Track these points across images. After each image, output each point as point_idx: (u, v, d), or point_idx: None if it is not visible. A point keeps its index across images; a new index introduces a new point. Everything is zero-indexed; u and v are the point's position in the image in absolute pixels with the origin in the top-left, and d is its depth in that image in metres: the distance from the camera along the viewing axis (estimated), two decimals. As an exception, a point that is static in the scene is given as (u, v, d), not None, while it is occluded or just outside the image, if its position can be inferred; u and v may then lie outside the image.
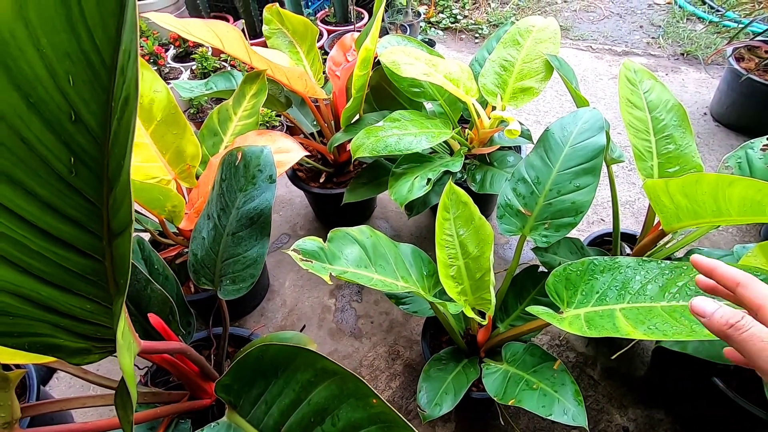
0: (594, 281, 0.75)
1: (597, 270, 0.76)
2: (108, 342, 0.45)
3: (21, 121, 0.30)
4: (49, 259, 0.37)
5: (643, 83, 0.98)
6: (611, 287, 0.73)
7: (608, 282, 0.74)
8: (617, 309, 0.69)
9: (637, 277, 0.71)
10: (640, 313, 0.65)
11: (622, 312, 0.67)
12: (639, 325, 0.63)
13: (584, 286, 0.75)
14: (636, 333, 0.61)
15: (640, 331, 0.62)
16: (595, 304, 0.72)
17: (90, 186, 0.33)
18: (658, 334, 0.60)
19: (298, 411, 0.41)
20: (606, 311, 0.69)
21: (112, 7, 0.27)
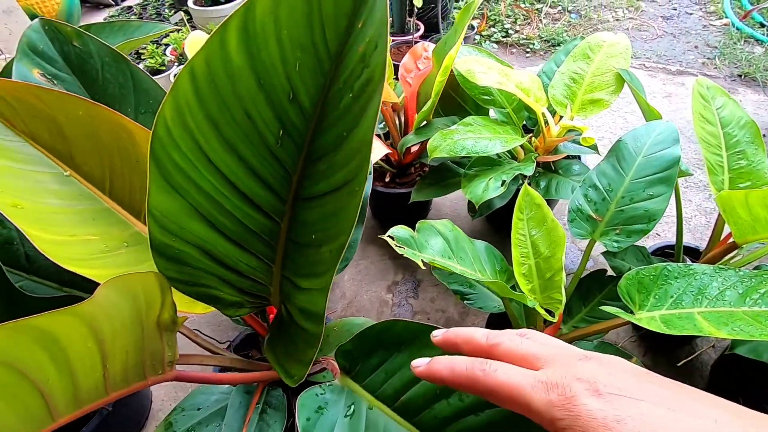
0: (668, 286, 0.78)
1: (671, 276, 0.78)
2: (259, 298, 0.51)
3: (251, 99, 0.37)
4: (236, 217, 0.44)
5: (716, 99, 1.01)
6: (686, 292, 0.75)
7: (683, 287, 0.76)
8: (695, 312, 0.71)
9: (714, 284, 0.74)
10: (722, 316, 0.68)
11: (701, 315, 0.70)
12: (722, 326, 0.65)
13: (657, 290, 0.78)
14: (720, 333, 0.64)
15: (723, 331, 0.64)
16: (670, 307, 0.75)
17: (290, 156, 0.39)
18: (744, 335, 0.62)
19: (422, 383, 0.45)
20: (684, 314, 0.72)
21: (346, 10, 0.34)
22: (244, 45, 0.35)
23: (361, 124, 0.32)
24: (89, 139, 0.51)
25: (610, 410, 0.23)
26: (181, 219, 0.43)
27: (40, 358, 0.30)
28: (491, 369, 0.27)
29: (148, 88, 0.64)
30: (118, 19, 2.17)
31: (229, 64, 0.36)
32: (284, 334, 0.48)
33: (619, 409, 0.23)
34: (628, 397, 0.24)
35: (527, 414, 0.26)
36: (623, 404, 0.23)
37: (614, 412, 0.23)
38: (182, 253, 0.45)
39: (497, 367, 0.27)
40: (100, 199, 0.54)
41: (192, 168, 0.40)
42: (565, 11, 2.56)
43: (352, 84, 0.33)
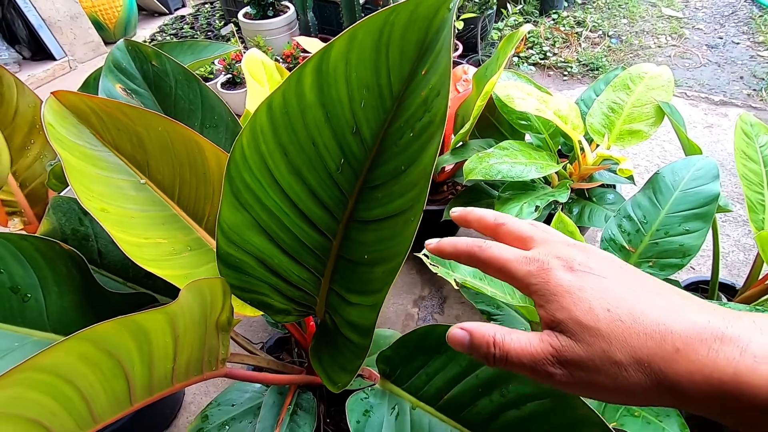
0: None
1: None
2: (305, 307, 0.55)
3: (318, 130, 0.41)
4: (293, 233, 0.48)
5: (760, 137, 1.00)
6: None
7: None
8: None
9: (749, 325, 0.73)
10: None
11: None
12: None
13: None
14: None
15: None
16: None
17: (348, 182, 0.44)
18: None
19: (464, 382, 0.48)
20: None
21: (411, 56, 0.38)
22: (317, 83, 0.39)
23: (421, 160, 0.36)
24: (164, 151, 0.57)
25: (576, 281, 0.26)
26: (244, 232, 0.47)
27: (131, 349, 0.35)
28: (486, 246, 0.31)
29: (214, 105, 0.70)
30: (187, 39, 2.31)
31: (302, 98, 0.40)
32: (330, 343, 0.52)
33: (585, 281, 0.26)
34: (596, 275, 0.26)
35: (510, 282, 0.29)
36: (590, 278, 0.26)
37: (579, 283, 0.26)
38: (242, 263, 0.50)
39: (491, 245, 0.31)
40: (169, 206, 0.60)
41: (259, 187, 0.44)
42: (605, 36, 2.55)
43: (413, 124, 0.37)
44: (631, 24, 2.65)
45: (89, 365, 0.32)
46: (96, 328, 0.31)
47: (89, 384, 0.32)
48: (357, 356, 0.44)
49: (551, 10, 2.70)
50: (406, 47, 0.37)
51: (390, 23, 0.37)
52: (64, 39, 2.61)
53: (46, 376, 0.29)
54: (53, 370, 0.29)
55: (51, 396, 0.30)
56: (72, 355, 0.30)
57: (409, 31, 0.37)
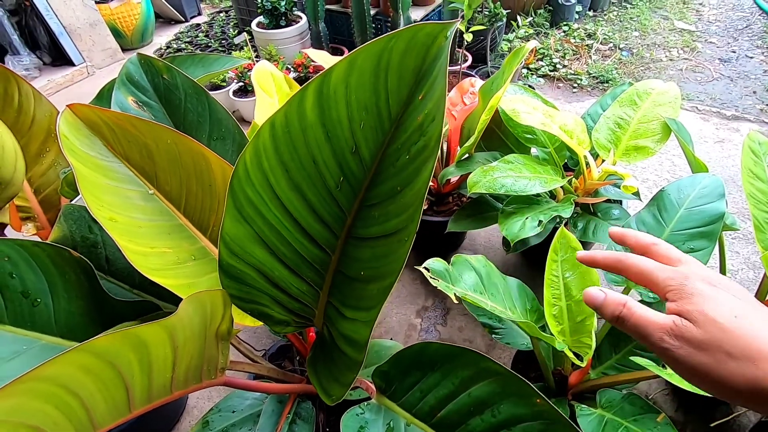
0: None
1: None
2: (304, 319, 0.56)
3: (318, 149, 0.43)
4: (293, 246, 0.49)
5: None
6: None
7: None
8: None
9: (752, 347, 0.72)
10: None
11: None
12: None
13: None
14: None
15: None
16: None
17: (347, 199, 0.45)
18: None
19: (456, 401, 0.49)
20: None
21: (409, 81, 0.39)
22: (318, 103, 0.41)
23: (415, 182, 0.37)
24: (172, 163, 0.59)
25: (712, 291, 0.30)
26: (246, 244, 0.49)
27: (131, 360, 0.36)
28: (634, 256, 0.35)
29: (221, 118, 0.72)
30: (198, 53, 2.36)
31: (303, 118, 0.41)
32: (326, 355, 0.53)
33: (720, 293, 0.30)
34: (730, 293, 0.30)
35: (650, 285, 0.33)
36: (724, 293, 0.30)
37: (714, 293, 0.29)
38: (244, 274, 0.51)
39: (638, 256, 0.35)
40: (175, 216, 0.61)
41: (261, 202, 0.46)
42: (616, 48, 2.54)
43: (409, 147, 0.38)
44: (642, 37, 2.64)
45: (90, 376, 0.33)
46: (98, 340, 0.32)
47: (90, 393, 0.34)
48: (351, 370, 0.45)
49: (562, 22, 2.71)
50: (404, 73, 0.38)
51: (389, 49, 0.38)
52: (83, 45, 2.68)
53: (48, 385, 0.31)
54: (55, 380, 0.31)
55: (53, 405, 0.31)
56: (74, 366, 0.32)
57: (407, 58, 0.38)
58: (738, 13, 2.82)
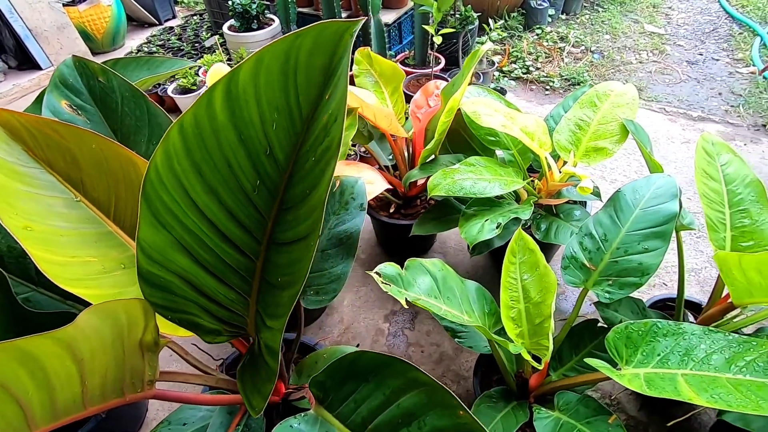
0: (656, 343, 0.77)
1: (660, 333, 0.77)
2: (236, 328, 0.54)
3: (232, 151, 0.41)
4: (216, 253, 0.47)
5: (721, 156, 1.00)
6: (674, 352, 0.74)
7: (671, 346, 0.75)
8: (679, 374, 0.70)
9: (702, 346, 0.73)
10: (704, 381, 0.66)
11: (684, 377, 0.69)
12: (702, 392, 0.64)
13: (645, 346, 0.77)
14: (699, 399, 0.63)
15: (703, 398, 0.63)
16: (656, 366, 0.74)
17: (265, 203, 0.43)
18: (722, 404, 0.61)
19: (387, 412, 0.47)
20: (667, 374, 0.71)
21: (318, 80, 0.38)
22: (227, 104, 0.39)
23: (320, 185, 0.36)
24: (99, 169, 0.57)
25: None
26: (166, 251, 0.47)
27: (20, 375, 0.34)
28: None
29: (162, 123, 0.70)
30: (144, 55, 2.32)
31: (214, 119, 0.40)
32: (253, 365, 0.51)
33: None
34: None
35: None
36: None
37: None
38: (166, 282, 0.49)
39: None
40: (104, 223, 0.59)
41: (177, 207, 0.44)
42: (588, 51, 2.58)
43: (315, 148, 0.37)
44: (613, 40, 2.68)
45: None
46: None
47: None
48: (270, 380, 0.43)
49: (535, 26, 2.74)
50: (313, 71, 0.37)
51: (296, 47, 0.36)
52: (51, 49, 2.62)
53: None
54: None
55: None
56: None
57: (315, 56, 0.37)
58: (705, 16, 2.89)
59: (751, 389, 0.62)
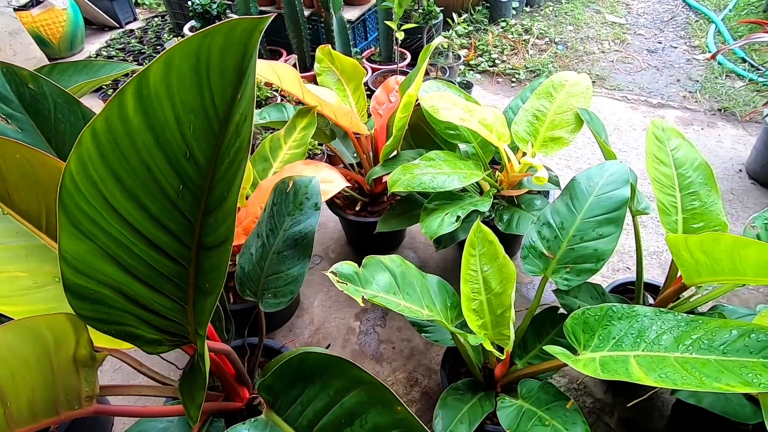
0: (611, 327, 0.78)
1: (615, 316, 0.79)
2: (177, 336, 0.53)
3: (149, 154, 0.40)
4: (146, 261, 0.46)
5: (671, 141, 1.03)
6: (628, 334, 0.76)
7: (625, 329, 0.77)
8: (631, 355, 0.72)
9: (653, 327, 0.75)
10: (653, 361, 0.68)
11: (636, 359, 0.70)
12: (651, 372, 0.66)
13: (602, 330, 0.79)
14: (647, 380, 0.64)
15: (651, 378, 0.65)
16: (612, 349, 0.76)
17: (190, 207, 0.42)
18: (669, 383, 0.63)
19: (331, 413, 0.47)
20: (620, 356, 0.73)
21: (232, 80, 0.37)
22: (140, 106, 0.38)
23: (233, 187, 0.35)
24: (27, 180, 0.54)
25: None
26: (92, 261, 0.45)
27: None
28: None
29: (98, 127, 0.67)
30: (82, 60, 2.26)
31: (127, 122, 0.38)
32: (192, 373, 0.50)
33: None
34: None
35: None
36: None
37: None
38: (96, 293, 0.47)
39: None
40: (36, 236, 0.56)
41: (98, 215, 0.42)
42: (552, 42, 2.62)
43: (229, 150, 0.36)
44: (576, 31, 2.73)
45: None
46: None
47: None
48: (202, 387, 0.42)
49: (500, 19, 2.76)
50: (226, 71, 0.36)
51: (207, 47, 0.35)
52: (3, 56, 2.51)
53: None
54: None
55: None
56: None
57: (228, 55, 0.36)
58: (664, 5, 2.96)
59: (696, 366, 0.63)
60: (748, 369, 0.58)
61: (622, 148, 1.87)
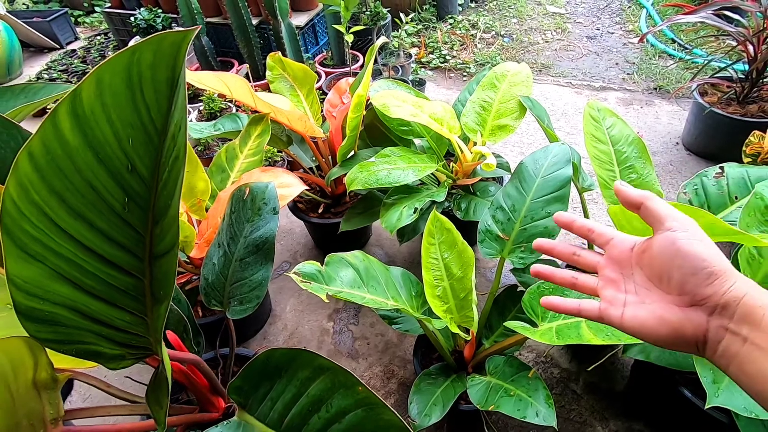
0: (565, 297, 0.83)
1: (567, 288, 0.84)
2: (140, 349, 0.53)
3: (92, 172, 0.41)
4: (100, 277, 0.46)
5: (606, 120, 1.10)
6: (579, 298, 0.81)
7: (578, 296, 0.82)
8: (582, 321, 0.77)
9: (600, 293, 0.80)
10: (601, 324, 0.74)
11: (587, 323, 0.76)
12: (599, 333, 0.71)
13: (556, 302, 0.84)
14: (597, 339, 0.70)
15: (599, 338, 0.70)
16: (566, 317, 0.81)
17: (138, 219, 0.43)
18: (614, 340, 0.69)
19: (298, 404, 0.49)
20: (573, 323, 0.78)
21: (166, 92, 0.38)
22: (77, 126, 0.38)
23: (175, 195, 0.36)
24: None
25: None
26: (44, 283, 0.45)
27: None
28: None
29: (41, 151, 0.66)
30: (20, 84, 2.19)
31: (65, 144, 0.39)
32: (157, 382, 0.51)
33: None
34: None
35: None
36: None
37: None
38: (53, 315, 0.47)
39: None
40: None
41: (46, 237, 0.43)
42: (498, 36, 2.71)
43: (168, 159, 0.37)
44: (520, 23, 2.84)
45: None
46: None
47: None
48: (166, 393, 0.44)
49: (447, 16, 2.83)
50: (159, 85, 0.38)
51: (137, 62, 0.37)
52: (-67, 86, 2.37)
53: None
54: None
55: None
56: None
57: (159, 70, 0.37)
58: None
59: (637, 324, 0.69)
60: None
61: (569, 132, 1.96)
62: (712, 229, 0.71)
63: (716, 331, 0.33)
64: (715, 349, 0.33)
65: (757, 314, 0.31)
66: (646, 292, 0.37)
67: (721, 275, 0.33)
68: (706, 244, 0.35)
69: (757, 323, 0.31)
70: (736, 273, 0.34)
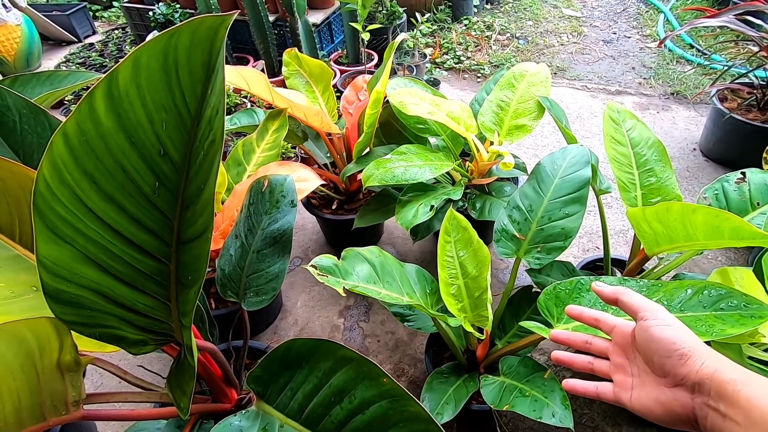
0: (581, 298, 0.83)
1: (584, 288, 0.83)
2: (162, 335, 0.53)
3: (123, 155, 0.41)
4: (126, 261, 0.47)
5: (626, 122, 1.09)
6: (596, 303, 0.80)
7: (594, 299, 0.81)
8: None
9: (619, 295, 0.79)
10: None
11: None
12: (618, 336, 0.70)
13: (572, 302, 0.83)
14: (615, 343, 0.69)
15: (617, 341, 0.69)
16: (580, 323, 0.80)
17: (167, 203, 0.43)
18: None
19: (320, 394, 0.49)
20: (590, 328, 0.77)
21: (200, 77, 0.38)
22: (111, 108, 0.39)
23: (209, 179, 0.36)
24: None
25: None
26: (72, 265, 0.45)
27: None
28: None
29: (67, 137, 0.67)
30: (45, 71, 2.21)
31: (99, 125, 0.39)
32: (179, 368, 0.51)
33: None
34: None
35: None
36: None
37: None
38: (78, 297, 0.48)
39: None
40: (10, 246, 0.56)
41: (75, 218, 0.43)
42: (513, 38, 2.70)
43: (204, 143, 0.37)
44: (536, 25, 2.82)
45: None
46: None
47: None
48: (192, 378, 0.44)
49: (462, 17, 2.83)
50: (195, 69, 0.38)
51: (173, 46, 0.37)
52: (-46, 76, 2.41)
53: None
54: None
55: None
56: None
57: (195, 53, 0.37)
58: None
59: (658, 327, 0.68)
60: (702, 321, 0.63)
61: (584, 135, 1.94)
62: (738, 232, 0.70)
63: (701, 408, 0.35)
64: (705, 424, 0.35)
65: (727, 390, 0.33)
66: (646, 375, 0.40)
67: (692, 355, 0.36)
68: (675, 328, 0.38)
69: (729, 398, 0.33)
70: (707, 350, 0.36)
